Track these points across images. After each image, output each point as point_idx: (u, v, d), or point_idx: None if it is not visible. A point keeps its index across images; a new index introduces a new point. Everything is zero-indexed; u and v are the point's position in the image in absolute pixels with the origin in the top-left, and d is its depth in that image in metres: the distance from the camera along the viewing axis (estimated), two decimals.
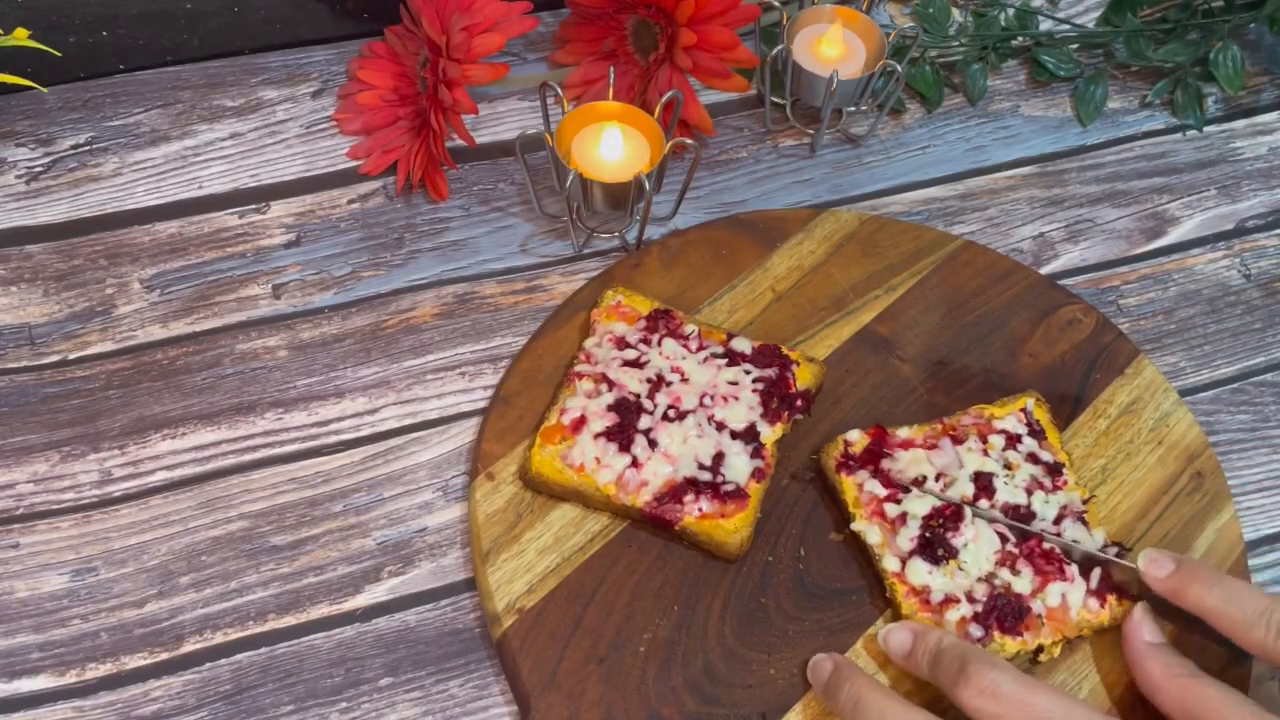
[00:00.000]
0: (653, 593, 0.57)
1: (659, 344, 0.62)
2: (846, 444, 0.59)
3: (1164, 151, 0.77)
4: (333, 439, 0.62)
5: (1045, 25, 0.82)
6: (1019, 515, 0.57)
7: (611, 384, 0.60)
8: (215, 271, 0.68)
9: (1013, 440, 0.59)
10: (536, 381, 0.63)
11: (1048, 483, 0.58)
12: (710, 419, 0.59)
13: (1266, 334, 0.69)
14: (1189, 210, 0.75)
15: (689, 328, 0.62)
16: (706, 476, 0.57)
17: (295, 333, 0.66)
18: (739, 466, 0.58)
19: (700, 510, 0.57)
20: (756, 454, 0.58)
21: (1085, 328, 0.66)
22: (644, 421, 0.59)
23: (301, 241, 0.69)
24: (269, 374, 0.64)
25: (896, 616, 0.56)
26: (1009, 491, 0.57)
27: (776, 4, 0.71)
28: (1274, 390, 0.67)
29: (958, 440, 0.59)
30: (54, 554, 0.58)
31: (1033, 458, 0.59)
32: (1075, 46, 0.81)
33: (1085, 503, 0.58)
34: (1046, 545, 0.56)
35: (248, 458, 0.61)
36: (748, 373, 0.61)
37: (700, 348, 0.62)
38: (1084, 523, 0.57)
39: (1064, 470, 0.59)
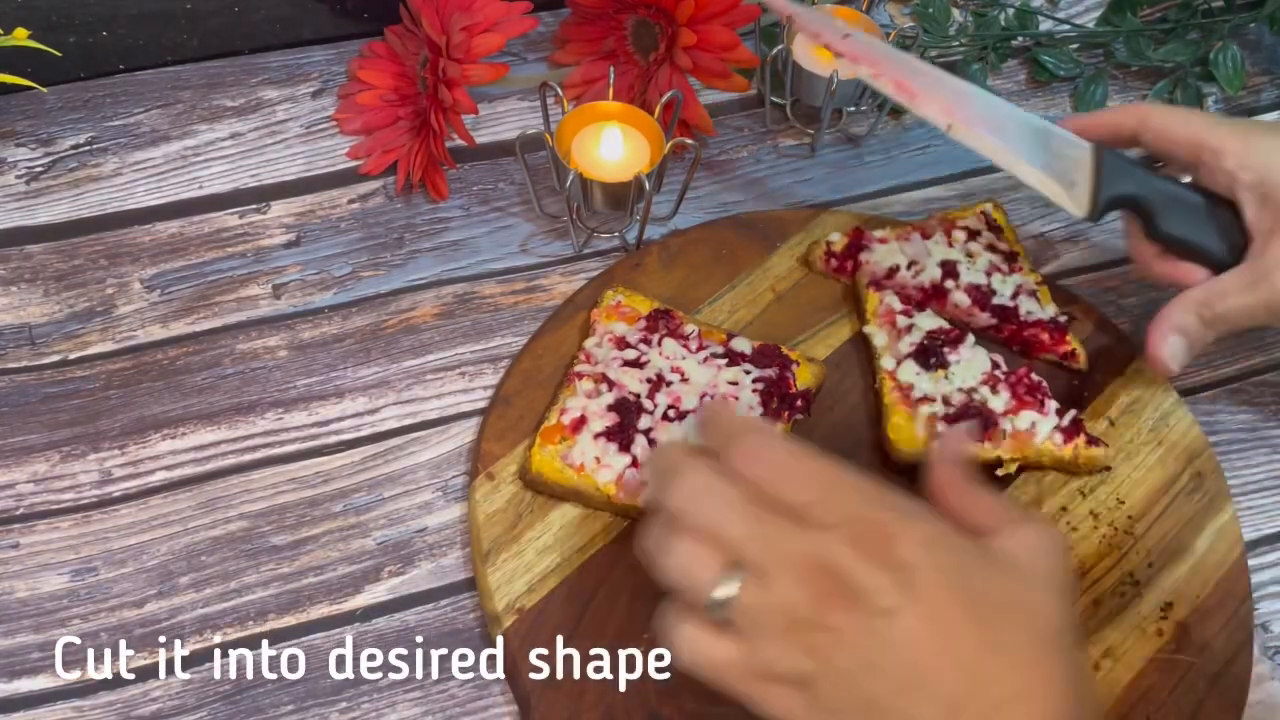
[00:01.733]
0: (653, 593, 0.56)
1: (659, 344, 0.61)
2: (829, 244, 0.67)
3: None
4: (333, 439, 0.62)
5: (1045, 25, 0.82)
6: (980, 294, 0.64)
7: (611, 384, 0.60)
8: (215, 271, 0.68)
9: (973, 234, 0.67)
10: (536, 381, 0.63)
11: (1005, 267, 0.66)
12: None
13: (1266, 334, 0.69)
14: None
15: (689, 328, 0.62)
16: None
17: (295, 333, 0.66)
18: None
19: None
20: None
21: (1085, 327, 0.66)
22: (644, 421, 0.59)
23: (302, 241, 0.69)
24: (269, 374, 0.64)
25: (879, 413, 0.61)
26: (971, 274, 0.65)
27: None
28: (1274, 390, 0.67)
29: (926, 235, 0.67)
30: (54, 554, 0.58)
31: (991, 247, 0.67)
32: (1075, 46, 0.81)
33: (1038, 285, 0.66)
34: (1035, 377, 0.61)
35: (248, 458, 0.61)
36: (748, 373, 0.60)
37: (700, 347, 0.62)
38: (1037, 298, 0.65)
39: (1019, 258, 0.67)
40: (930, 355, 0.62)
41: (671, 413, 0.59)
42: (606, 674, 0.54)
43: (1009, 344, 0.65)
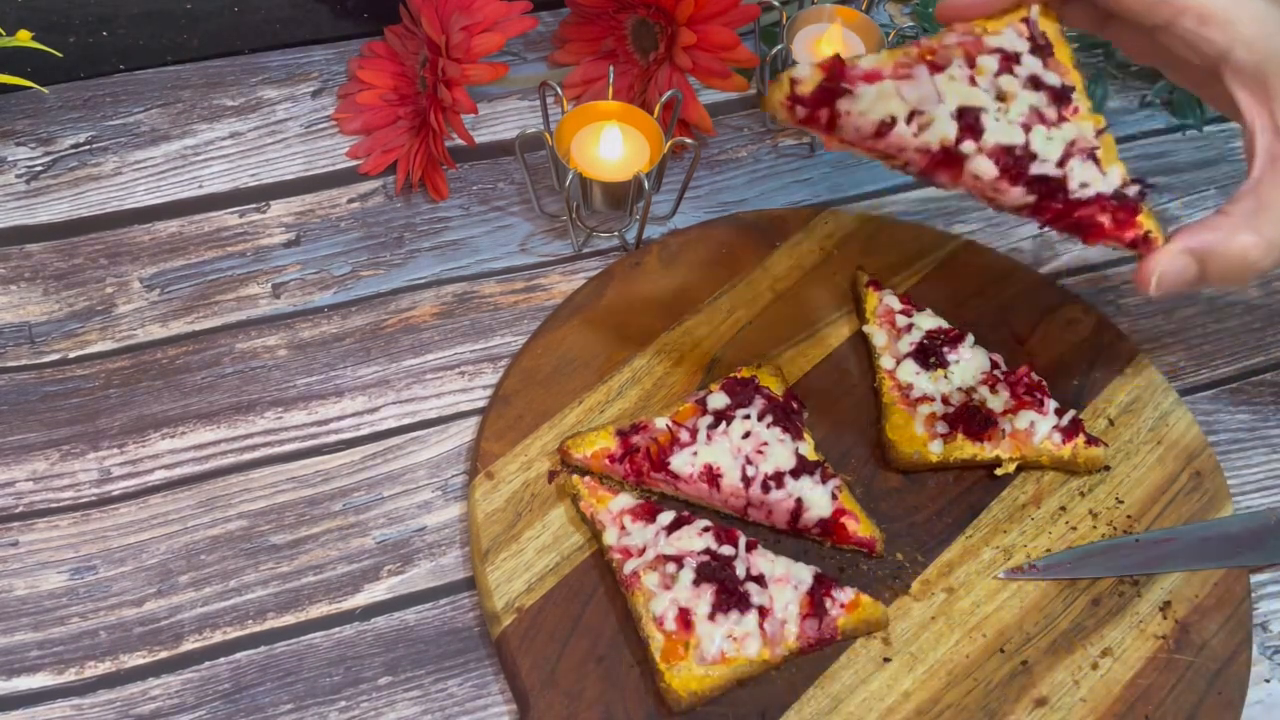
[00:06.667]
0: None
1: (658, 472, 0.57)
2: (794, 83, 0.48)
3: (1164, 151, 0.77)
4: (332, 438, 0.62)
5: None
6: (1014, 159, 0.47)
7: (672, 557, 0.54)
8: (215, 271, 0.68)
9: (1009, 61, 0.48)
10: (536, 381, 0.63)
11: (1052, 114, 0.48)
12: (765, 483, 0.57)
13: (1266, 334, 0.69)
14: (1189, 210, 0.75)
15: (660, 423, 0.59)
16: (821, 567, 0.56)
17: (295, 332, 0.66)
18: (818, 500, 0.57)
19: (842, 606, 0.55)
20: (818, 471, 0.57)
21: (1085, 327, 0.66)
22: (739, 567, 0.54)
23: (301, 241, 0.69)
24: (268, 373, 0.64)
25: (879, 413, 0.61)
26: (1001, 129, 0.47)
27: (776, 3, 0.71)
28: (1273, 390, 0.67)
29: (937, 67, 0.48)
30: (53, 552, 0.58)
31: (1034, 82, 0.48)
32: (1075, 46, 0.81)
33: (1099, 134, 0.48)
34: (1034, 377, 0.60)
35: (247, 457, 0.61)
36: (747, 417, 0.58)
37: (693, 431, 0.58)
38: (1095, 160, 0.48)
39: (1073, 96, 0.48)
40: (929, 355, 0.62)
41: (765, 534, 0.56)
42: (605, 673, 0.54)
43: (1053, 225, 0.49)
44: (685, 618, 0.53)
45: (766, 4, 0.73)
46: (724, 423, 0.58)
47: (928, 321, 0.63)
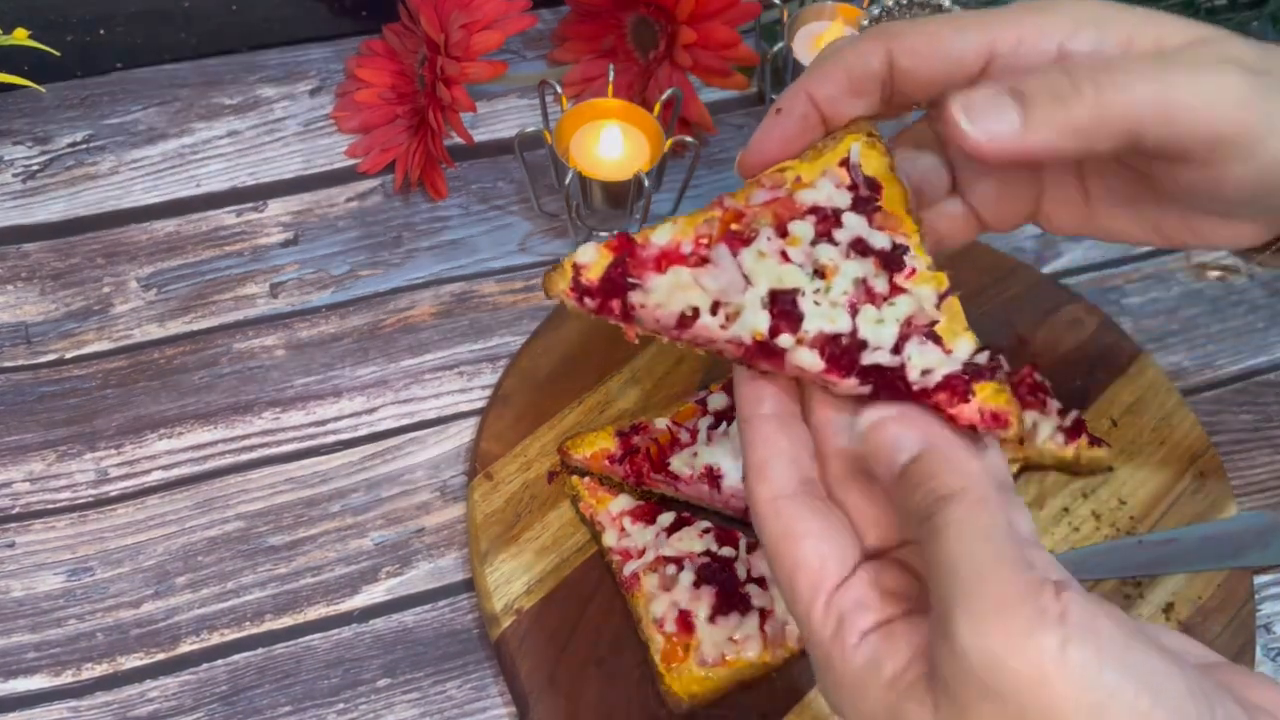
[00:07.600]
0: None
1: (659, 475, 0.56)
2: (578, 269, 0.41)
3: None
4: (330, 439, 0.62)
5: None
6: (840, 347, 0.38)
7: (673, 559, 0.54)
8: (213, 270, 0.68)
9: (828, 223, 0.40)
10: (535, 381, 0.62)
11: (882, 285, 0.39)
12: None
13: (1270, 333, 0.69)
14: None
15: (660, 423, 0.58)
16: None
17: (293, 332, 0.66)
18: None
19: None
20: None
21: (1088, 327, 0.66)
22: (740, 569, 0.54)
23: (299, 240, 0.69)
24: (266, 373, 0.64)
25: None
26: (823, 314, 0.38)
27: (777, 1, 0.71)
28: (1277, 390, 0.67)
29: (743, 241, 0.40)
30: (50, 553, 0.58)
31: (860, 246, 0.39)
32: None
33: (941, 300, 0.39)
34: (1038, 377, 0.60)
35: (245, 457, 0.61)
36: None
37: (692, 432, 0.58)
38: (936, 339, 0.38)
39: (907, 257, 0.39)
40: None
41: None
42: (606, 675, 0.54)
43: None
44: (685, 620, 0.53)
45: (767, 2, 0.72)
46: (724, 423, 0.58)
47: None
